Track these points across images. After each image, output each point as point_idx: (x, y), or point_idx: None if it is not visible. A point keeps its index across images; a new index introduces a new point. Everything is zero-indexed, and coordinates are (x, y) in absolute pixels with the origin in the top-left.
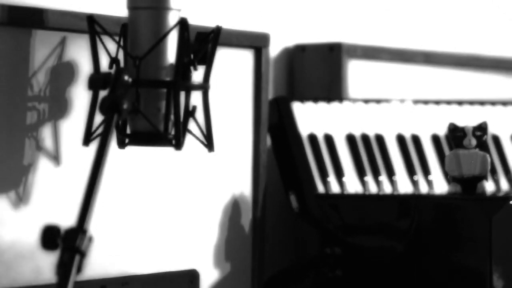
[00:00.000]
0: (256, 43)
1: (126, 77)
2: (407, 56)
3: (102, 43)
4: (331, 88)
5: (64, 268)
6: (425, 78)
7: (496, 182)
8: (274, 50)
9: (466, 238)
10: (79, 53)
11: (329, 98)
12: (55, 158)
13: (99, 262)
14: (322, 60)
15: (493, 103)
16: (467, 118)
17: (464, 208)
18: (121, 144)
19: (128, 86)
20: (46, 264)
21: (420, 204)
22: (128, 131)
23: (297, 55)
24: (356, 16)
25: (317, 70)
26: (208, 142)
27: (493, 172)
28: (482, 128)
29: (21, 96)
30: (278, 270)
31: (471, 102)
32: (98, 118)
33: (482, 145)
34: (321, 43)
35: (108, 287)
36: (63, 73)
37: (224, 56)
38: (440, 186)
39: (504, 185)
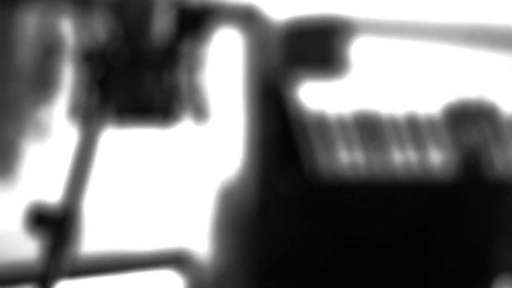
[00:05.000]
0: (248, 16)
1: (119, 51)
2: (413, 31)
3: (94, 16)
4: (330, 64)
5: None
6: (432, 53)
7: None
8: (270, 23)
9: (467, 219)
10: (67, 25)
11: (328, 75)
12: (42, 134)
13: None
14: (322, 35)
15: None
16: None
17: (465, 190)
18: (115, 119)
19: (122, 60)
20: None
21: (418, 189)
22: (122, 105)
23: (296, 30)
24: None
25: (316, 45)
26: (202, 113)
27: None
28: (485, 107)
29: (3, 71)
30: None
31: (479, 77)
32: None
33: (482, 124)
34: (320, 15)
35: None
36: (49, 46)
37: (215, 32)
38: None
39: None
